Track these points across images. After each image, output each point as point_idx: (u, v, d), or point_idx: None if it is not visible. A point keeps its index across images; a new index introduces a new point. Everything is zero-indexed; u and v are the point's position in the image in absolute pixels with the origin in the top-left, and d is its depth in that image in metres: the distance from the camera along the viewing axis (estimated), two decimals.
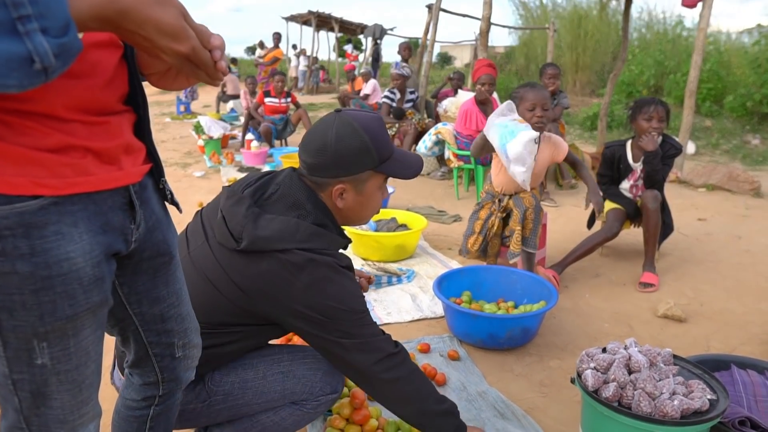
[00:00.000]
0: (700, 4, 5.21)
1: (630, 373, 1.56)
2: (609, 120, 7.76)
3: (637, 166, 3.19)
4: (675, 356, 1.67)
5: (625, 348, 1.64)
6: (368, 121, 1.38)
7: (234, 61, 14.99)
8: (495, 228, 2.97)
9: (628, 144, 3.23)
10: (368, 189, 1.41)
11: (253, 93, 9.13)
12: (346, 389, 1.86)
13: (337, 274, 1.31)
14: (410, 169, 1.44)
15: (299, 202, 1.36)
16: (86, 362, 0.84)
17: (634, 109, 3.13)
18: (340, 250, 1.42)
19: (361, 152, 1.34)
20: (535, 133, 2.73)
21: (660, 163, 3.03)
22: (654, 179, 3.08)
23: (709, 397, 1.47)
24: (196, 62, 0.76)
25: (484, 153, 2.97)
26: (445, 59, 33.15)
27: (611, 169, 3.28)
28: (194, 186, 5.43)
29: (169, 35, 0.71)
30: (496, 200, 3.01)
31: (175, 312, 1.06)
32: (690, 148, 6.91)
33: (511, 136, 2.71)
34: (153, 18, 0.69)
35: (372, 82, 9.52)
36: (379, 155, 1.36)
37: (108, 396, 1.99)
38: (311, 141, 1.37)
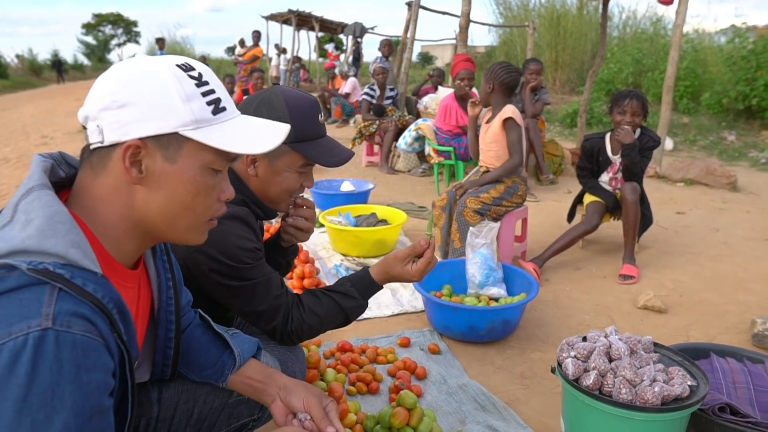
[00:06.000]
0: (676, 1, 5.26)
1: (610, 360, 1.54)
2: (588, 117, 7.81)
3: (616, 159, 3.19)
4: (655, 344, 1.65)
5: (606, 336, 1.62)
6: (296, 98, 1.37)
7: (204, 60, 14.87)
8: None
9: (607, 136, 3.22)
10: (280, 164, 1.39)
11: (230, 92, 9.03)
12: (323, 383, 1.81)
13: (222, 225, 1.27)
14: (333, 157, 1.40)
15: None
16: None
17: (611, 102, 3.13)
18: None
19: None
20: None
21: (638, 155, 3.03)
22: (632, 171, 3.08)
23: (689, 383, 1.46)
24: None
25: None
26: (426, 59, 33.26)
27: (591, 161, 3.28)
28: None
29: None
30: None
31: None
32: (668, 144, 6.97)
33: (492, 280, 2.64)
34: None
35: (351, 80, 9.48)
36: (295, 131, 1.28)
37: None
38: (240, 107, 1.38)
